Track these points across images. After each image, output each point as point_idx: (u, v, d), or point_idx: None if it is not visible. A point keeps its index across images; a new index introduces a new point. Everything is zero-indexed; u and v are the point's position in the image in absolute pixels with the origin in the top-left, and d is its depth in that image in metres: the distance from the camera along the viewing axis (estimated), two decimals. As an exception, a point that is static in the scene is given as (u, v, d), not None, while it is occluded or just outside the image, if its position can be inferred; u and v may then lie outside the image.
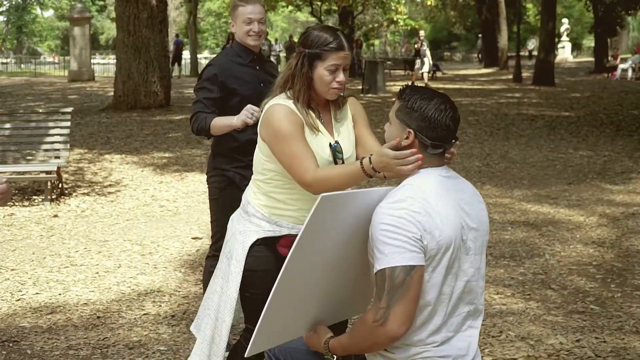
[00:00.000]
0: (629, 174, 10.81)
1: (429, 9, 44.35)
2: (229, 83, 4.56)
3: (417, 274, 2.55)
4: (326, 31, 3.23)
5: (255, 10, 4.58)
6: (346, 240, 2.78)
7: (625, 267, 6.53)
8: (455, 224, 2.65)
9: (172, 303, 5.75)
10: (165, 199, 9.45)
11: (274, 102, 3.26)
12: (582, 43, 65.48)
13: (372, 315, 2.60)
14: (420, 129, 2.73)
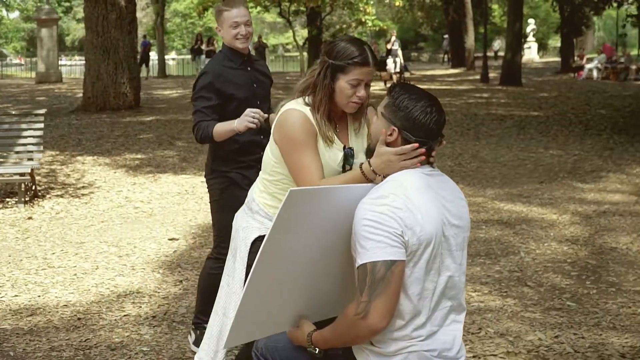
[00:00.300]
0: (599, 173, 10.96)
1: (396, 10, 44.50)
2: (225, 89, 4.58)
3: (397, 269, 2.61)
4: (353, 44, 3.19)
5: (241, 14, 4.60)
6: (327, 236, 2.82)
7: (600, 264, 6.62)
8: (436, 221, 2.71)
9: (152, 304, 5.75)
10: (139, 201, 9.43)
11: (290, 106, 3.26)
12: (548, 43, 66.09)
13: (353, 308, 2.66)
14: (404, 128, 2.79)
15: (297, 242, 2.78)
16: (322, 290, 3.00)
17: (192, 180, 10.57)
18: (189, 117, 17.58)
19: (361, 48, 3.16)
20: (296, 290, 2.91)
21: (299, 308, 2.97)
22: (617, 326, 5.23)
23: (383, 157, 2.83)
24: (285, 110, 3.25)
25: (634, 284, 6.12)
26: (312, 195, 2.75)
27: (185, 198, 9.56)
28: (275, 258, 2.75)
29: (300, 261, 2.84)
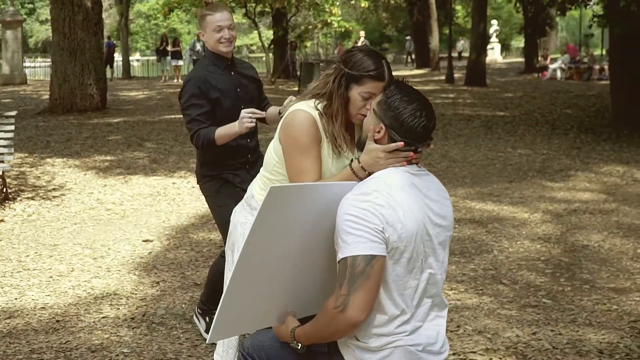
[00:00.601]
0: (567, 172, 11.09)
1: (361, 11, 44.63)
2: (212, 94, 4.63)
3: (377, 264, 2.65)
4: (372, 57, 3.12)
5: (224, 17, 4.64)
6: (311, 233, 2.85)
7: (573, 262, 6.71)
8: (418, 219, 2.75)
9: (130, 306, 5.73)
10: (111, 202, 9.38)
11: (299, 106, 3.23)
12: (511, 44, 66.59)
13: (332, 302, 2.69)
14: (392, 127, 2.83)
15: (279, 238, 2.80)
16: (309, 286, 3.02)
17: (164, 182, 10.53)
18: (157, 118, 17.70)
19: (379, 62, 3.10)
20: (281, 285, 2.93)
21: (284, 304, 2.99)
22: (593, 323, 5.31)
23: (371, 154, 2.87)
24: (294, 110, 3.22)
25: (607, 281, 6.21)
26: (293, 192, 2.78)
27: (158, 199, 9.52)
28: (258, 253, 2.77)
29: (284, 257, 2.86)
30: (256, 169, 4.80)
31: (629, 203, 8.98)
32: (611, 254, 6.93)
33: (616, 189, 9.86)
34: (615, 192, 9.61)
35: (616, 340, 4.99)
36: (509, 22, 62.38)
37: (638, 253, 6.94)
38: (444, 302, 2.96)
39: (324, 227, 2.84)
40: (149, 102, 21.73)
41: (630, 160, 11.87)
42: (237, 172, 4.78)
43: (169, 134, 14.95)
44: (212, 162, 4.79)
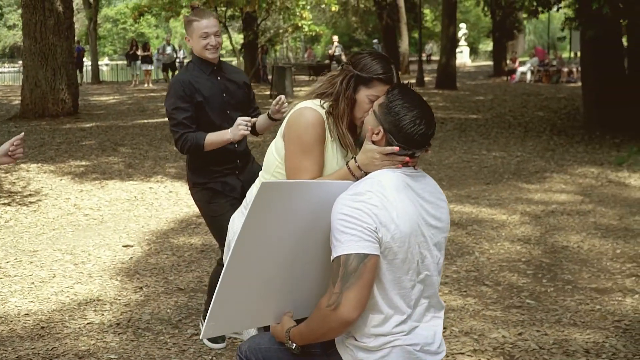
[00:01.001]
0: (542, 173, 11.17)
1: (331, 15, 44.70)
2: (196, 97, 4.63)
3: (370, 262, 2.66)
4: (381, 60, 3.11)
5: (210, 24, 4.63)
6: (306, 231, 2.86)
7: (554, 263, 6.77)
8: (412, 220, 2.76)
9: (115, 311, 5.70)
10: (88, 208, 9.31)
11: (306, 104, 3.19)
12: (479, 47, 66.99)
13: (325, 300, 2.70)
14: (390, 132, 2.84)
15: (272, 236, 2.80)
16: (306, 286, 3.02)
17: (140, 187, 10.47)
18: (130, 123, 17.61)
19: (388, 66, 3.10)
20: (275, 283, 2.93)
21: (280, 303, 2.99)
22: (577, 323, 5.36)
23: (367, 154, 2.89)
24: (301, 107, 3.18)
25: (589, 281, 6.27)
26: (285, 189, 2.78)
27: (135, 205, 9.47)
28: (250, 250, 2.78)
29: (278, 255, 2.86)
30: (246, 175, 4.81)
31: (605, 204, 9.07)
32: (591, 255, 6.99)
33: (592, 190, 9.95)
34: (591, 194, 9.70)
35: (602, 340, 5.04)
36: (476, 26, 62.75)
37: (617, 253, 7.01)
38: (441, 303, 2.98)
39: (320, 226, 2.85)
40: (120, 107, 21.62)
41: (604, 162, 11.99)
42: (226, 179, 4.77)
43: (143, 139, 14.87)
44: (200, 168, 4.78)
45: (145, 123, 17.51)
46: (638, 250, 7.09)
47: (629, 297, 5.87)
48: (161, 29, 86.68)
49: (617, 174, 11.01)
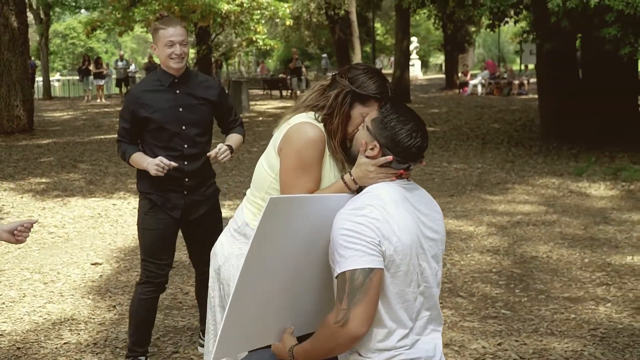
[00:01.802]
0: (504, 185, 11.30)
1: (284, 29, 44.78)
2: (141, 112, 4.51)
3: (376, 277, 2.66)
4: (379, 77, 3.05)
5: (177, 33, 4.49)
6: (307, 247, 2.85)
7: (525, 273, 6.85)
8: (412, 232, 2.78)
9: (91, 331, 5.63)
10: (53, 225, 9.19)
11: (303, 119, 3.10)
12: (429, 61, 67.64)
13: (333, 317, 2.68)
14: (387, 147, 2.85)
15: (278, 252, 2.79)
16: (306, 302, 3.01)
17: (104, 203, 10.37)
18: (87, 139, 17.47)
19: (385, 84, 3.05)
20: (279, 301, 2.92)
21: (283, 321, 2.97)
22: (555, 332, 5.43)
23: (362, 167, 2.88)
24: (301, 122, 3.08)
25: (561, 290, 6.35)
26: (292, 204, 2.77)
27: (100, 222, 9.37)
28: (258, 269, 2.76)
29: (282, 272, 2.85)
30: (196, 196, 4.71)
31: (569, 214, 9.20)
32: (560, 264, 7.09)
33: (554, 200, 10.09)
34: (554, 204, 9.84)
35: (580, 349, 5.11)
36: (427, 39, 63.37)
37: (586, 263, 7.12)
38: (440, 317, 3.00)
39: (319, 241, 2.84)
40: (75, 123, 21.41)
41: (564, 173, 12.16)
42: (168, 195, 4.64)
43: (102, 155, 14.74)
44: (145, 176, 4.63)
45: (103, 139, 17.36)
46: (606, 259, 7.20)
47: (602, 306, 5.95)
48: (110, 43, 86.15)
49: (577, 184, 11.18)
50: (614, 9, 10.45)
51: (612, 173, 11.80)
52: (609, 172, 11.85)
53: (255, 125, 19.97)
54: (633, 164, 12.42)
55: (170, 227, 4.71)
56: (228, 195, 10.90)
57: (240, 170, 13.09)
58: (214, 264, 3.38)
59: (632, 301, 6.06)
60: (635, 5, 10.18)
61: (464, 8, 12.82)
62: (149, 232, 4.68)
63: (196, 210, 4.74)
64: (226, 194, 11.01)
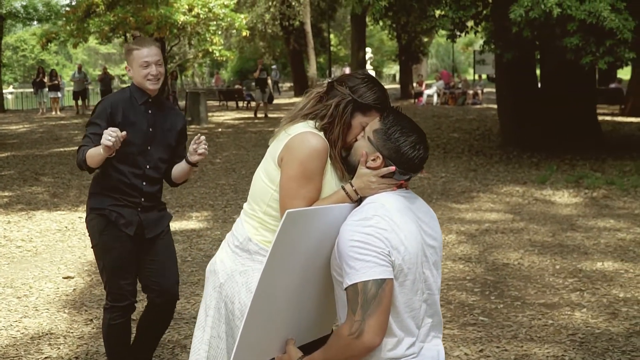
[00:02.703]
0: (469, 193, 11.42)
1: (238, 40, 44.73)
2: (117, 118, 4.40)
3: (387, 287, 2.68)
4: (379, 87, 3.04)
5: (152, 53, 4.41)
6: (311, 257, 2.86)
7: (498, 280, 6.93)
8: (417, 241, 2.81)
9: (70, 344, 5.58)
10: (20, 239, 9.08)
11: (303, 128, 3.04)
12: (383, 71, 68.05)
13: (347, 328, 2.68)
14: (390, 158, 2.87)
15: (291, 265, 2.79)
16: (309, 313, 3.02)
17: (69, 217, 10.27)
18: (46, 152, 17.28)
19: (385, 94, 3.06)
20: (285, 313, 2.92)
21: (286, 332, 2.96)
22: (534, 337, 5.50)
23: (364, 178, 2.88)
24: (303, 132, 3.02)
25: (536, 297, 6.44)
26: (308, 216, 2.78)
27: (67, 235, 9.28)
28: (273, 282, 2.76)
29: (292, 284, 2.86)
30: (150, 217, 4.59)
31: (535, 221, 9.34)
32: (532, 271, 7.19)
33: (520, 208, 10.23)
34: (521, 212, 9.97)
35: (560, 354, 5.19)
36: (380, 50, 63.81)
37: (557, 269, 7.23)
38: (441, 322, 3.03)
39: (322, 251, 2.86)
40: (32, 136, 21.16)
41: (527, 181, 12.32)
42: (122, 210, 4.50)
43: (64, 168, 14.60)
44: (98, 193, 4.55)
45: (63, 152, 17.19)
46: (576, 266, 7.32)
47: (578, 311, 6.05)
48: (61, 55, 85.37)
49: (541, 192, 11.34)
50: (576, 19, 10.64)
51: (574, 181, 11.99)
52: (571, 180, 12.04)
53: (215, 137, 19.90)
54: (594, 172, 12.66)
55: (128, 245, 4.53)
56: (195, 207, 10.87)
57: (205, 182, 13.05)
58: (214, 281, 3.26)
59: (607, 306, 6.16)
60: (597, 15, 10.37)
61: (427, 18, 12.97)
62: (109, 252, 4.53)
63: (152, 229, 4.61)
64: (192, 205, 10.98)
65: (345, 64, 58.45)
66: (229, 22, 27.93)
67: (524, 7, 10.74)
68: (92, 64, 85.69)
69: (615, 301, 6.29)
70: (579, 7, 10.62)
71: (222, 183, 12.58)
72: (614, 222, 9.23)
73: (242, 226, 3.22)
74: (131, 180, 4.46)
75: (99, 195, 4.54)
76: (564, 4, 10.58)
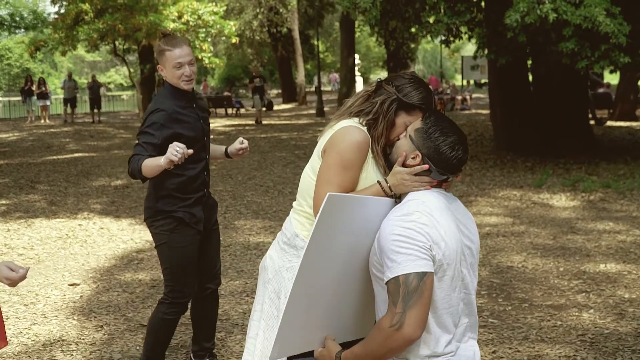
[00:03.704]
0: (467, 198, 11.48)
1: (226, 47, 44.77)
2: (175, 128, 4.49)
3: (429, 280, 2.71)
4: (424, 87, 3.09)
5: (184, 53, 4.47)
6: (351, 251, 2.89)
7: (504, 283, 6.98)
8: (456, 238, 2.85)
9: (83, 351, 5.59)
10: (21, 247, 9.07)
11: (349, 123, 3.11)
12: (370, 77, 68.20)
13: (387, 321, 2.71)
14: (429, 157, 2.91)
15: (330, 253, 2.83)
16: (346, 310, 3.04)
17: (69, 224, 10.26)
18: (39, 160, 17.24)
19: (430, 95, 3.10)
20: (326, 306, 2.95)
21: (324, 326, 2.99)
22: (545, 339, 5.56)
23: (397, 176, 2.93)
24: (346, 126, 3.09)
25: (542, 299, 6.49)
26: (348, 202, 2.82)
27: (69, 242, 9.27)
28: (314, 269, 2.79)
29: (333, 276, 2.89)
30: (208, 208, 4.78)
31: (536, 225, 9.40)
32: (537, 274, 7.24)
33: (519, 212, 10.29)
34: (520, 215, 10.04)
35: (572, 354, 5.25)
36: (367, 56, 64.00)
37: (561, 271, 7.29)
38: (477, 323, 3.05)
39: (362, 250, 2.90)
40: (23, 144, 21.10)
41: (523, 185, 12.40)
42: (193, 209, 4.65)
43: (59, 175, 14.57)
44: (167, 196, 4.61)
45: (56, 159, 17.15)
46: (580, 268, 7.39)
47: (585, 312, 6.11)
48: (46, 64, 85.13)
49: (538, 195, 11.42)
50: (571, 24, 10.73)
51: (570, 184, 12.08)
52: (568, 184, 12.12)
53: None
54: (589, 175, 12.75)
55: (196, 242, 4.71)
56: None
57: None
58: (264, 277, 3.34)
59: (613, 307, 6.23)
60: (593, 20, 10.47)
61: (422, 24, 13.04)
62: (179, 250, 4.63)
63: (209, 220, 4.83)
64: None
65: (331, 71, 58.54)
66: (218, 29, 27.99)
67: (519, 13, 10.82)
68: (78, 72, 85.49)
69: (621, 302, 6.36)
70: (575, 12, 10.71)
71: (220, 189, 12.59)
72: (612, 224, 9.31)
73: (290, 223, 3.30)
74: (198, 175, 4.63)
75: (168, 197, 4.62)
76: (559, 9, 10.66)
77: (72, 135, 23.71)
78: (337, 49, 50.88)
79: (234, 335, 5.86)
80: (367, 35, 48.81)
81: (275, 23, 39.47)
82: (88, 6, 26.07)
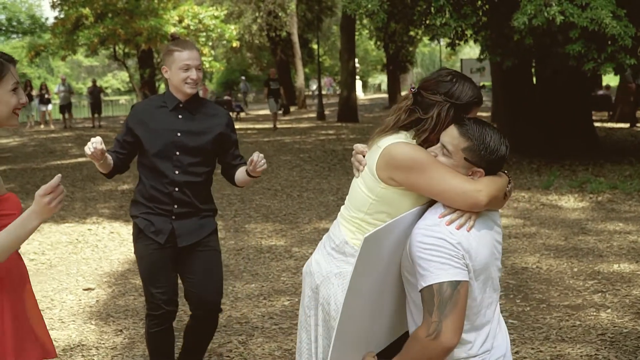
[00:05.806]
0: (476, 200, 11.46)
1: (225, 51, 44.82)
2: (136, 129, 4.45)
3: (463, 288, 2.73)
4: (470, 83, 3.02)
5: (193, 56, 4.36)
6: (387, 266, 2.91)
7: (520, 284, 7.00)
8: (489, 244, 2.87)
9: (104, 355, 5.60)
10: (32, 252, 9.08)
11: (395, 140, 2.99)
12: (368, 81, 68.25)
13: (424, 330, 2.72)
14: (488, 167, 2.89)
15: (372, 279, 2.85)
16: (383, 319, 3.07)
17: (78, 229, 10.27)
18: (43, 165, 17.25)
19: (477, 88, 3.04)
20: (369, 321, 2.97)
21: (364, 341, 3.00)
22: (565, 338, 5.57)
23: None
24: (390, 145, 2.97)
25: (559, 299, 6.51)
26: (385, 233, 2.81)
27: (80, 247, 9.28)
28: (358, 301, 2.82)
29: (372, 294, 2.92)
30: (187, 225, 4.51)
31: (546, 226, 9.42)
32: (552, 274, 7.26)
33: (529, 213, 10.31)
34: (530, 217, 10.05)
35: (594, 353, 5.26)
36: (365, 60, 63.96)
37: (575, 272, 7.30)
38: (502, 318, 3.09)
39: (396, 259, 2.91)
40: (26, 149, 21.11)
41: (531, 187, 12.42)
42: (152, 218, 4.49)
43: (65, 180, 14.57)
44: (135, 199, 4.59)
45: (60, 164, 17.17)
46: (594, 268, 7.40)
47: (603, 312, 6.13)
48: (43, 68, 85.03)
49: (547, 197, 11.44)
50: (578, 26, 10.77)
51: (577, 186, 12.10)
52: (575, 185, 12.14)
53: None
54: (596, 177, 12.77)
55: (157, 253, 4.50)
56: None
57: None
58: (311, 283, 3.25)
59: (630, 306, 6.24)
60: (599, 22, 10.50)
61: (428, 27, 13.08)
62: (140, 260, 4.58)
63: (186, 237, 4.53)
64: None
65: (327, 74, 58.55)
66: (219, 33, 28.04)
67: (527, 15, 10.85)
68: (75, 77, 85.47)
69: (637, 301, 6.38)
70: (581, 14, 10.74)
71: (228, 193, 12.59)
72: (622, 225, 9.33)
73: (339, 229, 3.21)
74: (160, 187, 4.44)
75: (135, 202, 4.58)
76: (566, 12, 10.70)
77: (74, 140, 23.71)
78: (336, 52, 50.97)
79: (254, 338, 5.87)
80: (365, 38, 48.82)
81: (274, 27, 39.49)
82: (88, 10, 26.12)
